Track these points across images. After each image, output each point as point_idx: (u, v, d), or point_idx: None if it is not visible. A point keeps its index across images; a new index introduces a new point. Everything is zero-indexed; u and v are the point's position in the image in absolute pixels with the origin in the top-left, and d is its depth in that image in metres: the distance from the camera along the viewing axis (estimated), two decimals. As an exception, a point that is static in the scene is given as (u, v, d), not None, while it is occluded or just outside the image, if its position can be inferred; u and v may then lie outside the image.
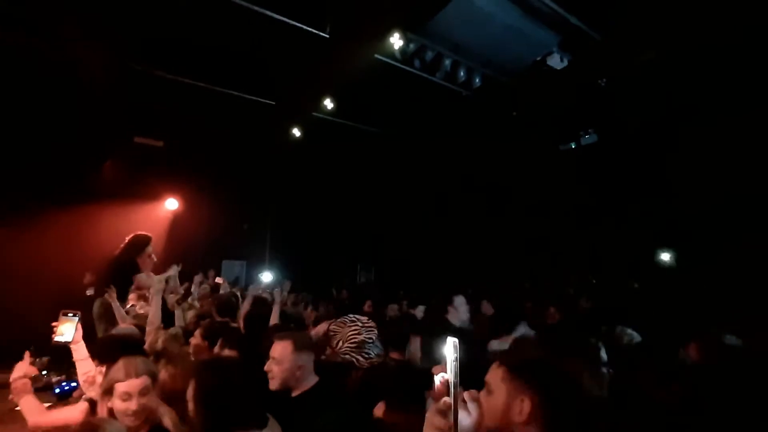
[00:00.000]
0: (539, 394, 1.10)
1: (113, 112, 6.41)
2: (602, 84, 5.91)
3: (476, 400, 0.95)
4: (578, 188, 7.71)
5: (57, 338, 2.36)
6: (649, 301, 5.81)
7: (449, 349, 0.88)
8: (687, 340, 2.38)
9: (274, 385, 2.07)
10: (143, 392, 1.72)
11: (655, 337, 2.80)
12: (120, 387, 1.70)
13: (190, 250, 7.81)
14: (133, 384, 1.71)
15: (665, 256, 7.00)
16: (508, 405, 1.12)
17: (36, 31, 4.83)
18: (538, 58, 5.90)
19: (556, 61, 5.95)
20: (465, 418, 0.91)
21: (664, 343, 2.53)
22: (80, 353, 2.36)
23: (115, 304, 3.20)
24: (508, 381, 1.15)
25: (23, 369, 2.22)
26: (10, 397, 2.16)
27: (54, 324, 2.37)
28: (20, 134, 6.03)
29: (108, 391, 1.72)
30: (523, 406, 1.09)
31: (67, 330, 2.37)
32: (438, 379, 0.95)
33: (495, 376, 1.20)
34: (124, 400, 1.69)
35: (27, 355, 2.29)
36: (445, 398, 0.89)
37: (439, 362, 1.18)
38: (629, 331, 2.77)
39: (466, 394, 0.95)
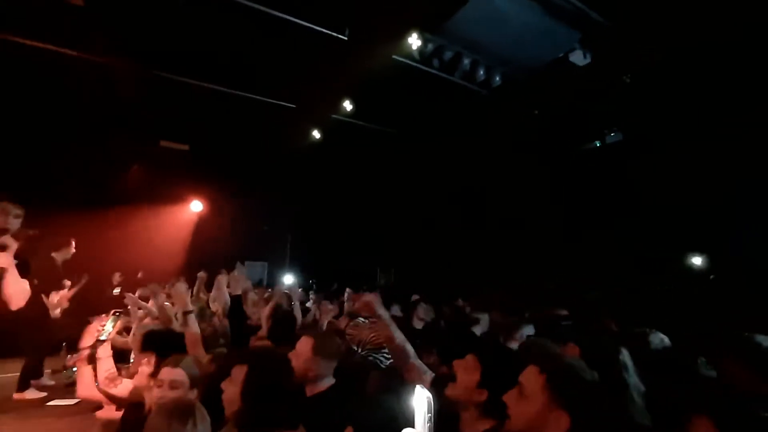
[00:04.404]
0: (577, 416, 1.09)
1: (140, 117, 6.62)
2: (627, 80, 5.72)
3: None
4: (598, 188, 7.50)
5: (102, 336, 2.47)
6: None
7: (420, 402, 0.79)
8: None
9: None
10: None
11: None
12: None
13: (213, 251, 8.01)
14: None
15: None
16: (543, 415, 1.12)
17: (64, 41, 5.05)
18: (560, 55, 5.77)
19: (578, 58, 5.81)
20: None
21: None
22: (106, 351, 2.44)
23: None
24: (548, 392, 1.14)
25: (92, 337, 2.35)
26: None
27: (102, 322, 2.47)
28: (50, 139, 6.30)
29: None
30: (561, 423, 1.09)
31: (109, 328, 2.48)
32: None
33: (534, 382, 1.18)
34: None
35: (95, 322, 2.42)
36: None
37: None
38: (660, 335, 2.59)
39: None
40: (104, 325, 2.44)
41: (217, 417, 1.65)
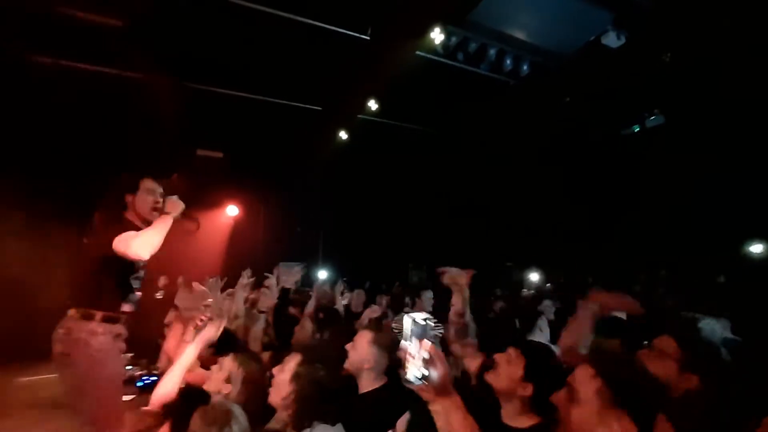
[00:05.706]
0: (638, 423, 1.03)
1: (176, 128, 6.91)
2: (666, 59, 5.39)
3: (435, 354, 1.06)
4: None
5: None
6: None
7: (407, 323, 1.05)
8: None
9: (347, 365, 2.13)
10: None
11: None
12: None
13: (250, 253, 8.27)
14: None
15: None
16: (603, 421, 1.06)
17: (98, 57, 5.34)
18: (592, 38, 5.51)
19: (612, 40, 5.51)
20: (434, 372, 1.04)
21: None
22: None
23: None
24: (606, 398, 1.07)
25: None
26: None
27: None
28: (94, 154, 6.66)
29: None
30: (625, 429, 1.04)
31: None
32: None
33: (588, 385, 1.11)
34: None
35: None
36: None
37: None
38: (714, 324, 2.44)
39: (429, 348, 1.06)
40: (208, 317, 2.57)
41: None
